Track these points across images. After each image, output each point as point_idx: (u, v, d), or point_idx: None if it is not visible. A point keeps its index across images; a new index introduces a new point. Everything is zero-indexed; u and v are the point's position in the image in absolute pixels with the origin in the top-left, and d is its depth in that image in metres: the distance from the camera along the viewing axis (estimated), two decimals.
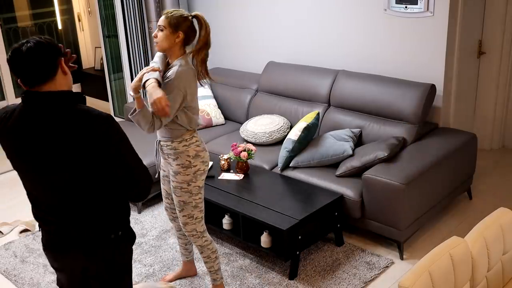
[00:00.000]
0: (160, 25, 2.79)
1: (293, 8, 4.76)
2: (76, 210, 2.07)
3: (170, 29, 2.76)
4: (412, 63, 4.16)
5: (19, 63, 1.95)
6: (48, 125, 1.96)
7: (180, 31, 2.77)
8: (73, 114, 1.96)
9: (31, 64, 1.94)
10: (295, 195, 3.59)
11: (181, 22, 2.77)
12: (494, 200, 4.17)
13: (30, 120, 1.99)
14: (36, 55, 1.95)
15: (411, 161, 3.58)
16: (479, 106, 4.89)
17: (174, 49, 2.80)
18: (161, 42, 2.78)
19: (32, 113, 1.99)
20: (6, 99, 6.77)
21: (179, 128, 2.84)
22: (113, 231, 2.13)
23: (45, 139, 1.96)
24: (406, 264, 3.49)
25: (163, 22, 2.78)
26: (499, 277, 2.45)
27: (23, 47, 1.94)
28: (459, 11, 4.05)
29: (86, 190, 2.03)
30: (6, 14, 6.69)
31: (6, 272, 3.62)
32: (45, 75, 1.97)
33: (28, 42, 1.96)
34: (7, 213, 4.43)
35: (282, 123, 4.35)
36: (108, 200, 2.09)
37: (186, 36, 2.80)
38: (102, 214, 2.10)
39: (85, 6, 7.21)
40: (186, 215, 2.98)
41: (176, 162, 2.89)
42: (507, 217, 2.46)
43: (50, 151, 1.97)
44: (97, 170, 1.99)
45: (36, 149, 1.98)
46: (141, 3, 5.32)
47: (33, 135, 1.98)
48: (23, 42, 1.97)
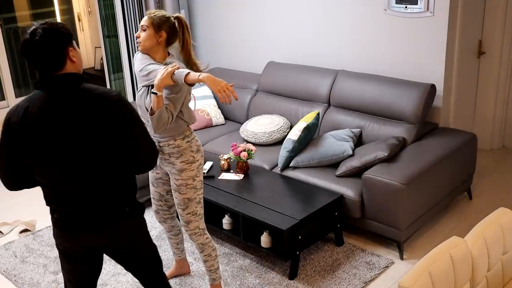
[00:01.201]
0: (143, 25, 2.83)
1: (293, 8, 4.76)
2: (96, 188, 2.16)
3: (153, 29, 2.81)
4: (412, 63, 4.16)
5: (31, 54, 2.06)
6: (70, 107, 2.07)
7: (163, 30, 2.83)
8: (92, 95, 2.09)
9: (41, 56, 2.05)
10: (295, 195, 3.59)
11: (163, 22, 2.84)
12: (494, 200, 4.17)
13: (54, 104, 2.08)
14: (44, 46, 2.05)
15: (411, 161, 3.58)
16: (479, 106, 4.89)
17: (157, 48, 2.84)
18: (144, 41, 2.82)
19: (53, 97, 2.08)
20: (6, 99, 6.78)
21: (181, 125, 2.87)
22: (127, 205, 2.26)
23: (70, 122, 2.06)
24: (406, 264, 3.49)
25: (146, 22, 2.83)
26: (499, 277, 2.45)
27: (34, 37, 2.03)
28: (459, 11, 4.05)
29: (105, 168, 2.14)
30: (6, 14, 6.69)
31: (6, 272, 3.62)
32: (55, 66, 2.09)
33: (37, 31, 2.04)
34: (7, 213, 4.43)
35: (282, 123, 4.35)
36: (121, 176, 2.21)
37: (168, 36, 2.84)
38: (117, 190, 2.22)
39: (85, 6, 7.21)
40: (190, 213, 2.98)
41: (181, 160, 2.89)
42: (507, 217, 2.46)
43: (74, 132, 2.07)
44: (115, 147, 2.12)
45: (62, 132, 2.07)
46: (141, 3, 5.32)
47: (58, 118, 2.07)
48: (33, 31, 2.05)
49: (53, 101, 2.08)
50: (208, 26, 5.49)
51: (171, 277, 3.43)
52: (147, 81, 2.79)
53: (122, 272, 3.54)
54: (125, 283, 3.42)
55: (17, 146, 2.12)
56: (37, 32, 2.04)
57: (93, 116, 2.06)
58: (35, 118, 2.08)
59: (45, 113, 2.08)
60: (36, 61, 2.07)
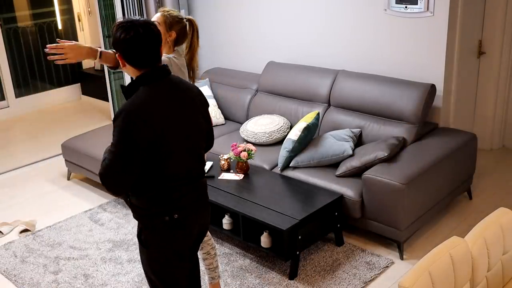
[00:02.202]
0: (155, 21, 2.82)
1: (293, 8, 4.76)
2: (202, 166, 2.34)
3: (165, 27, 2.83)
4: (412, 63, 4.16)
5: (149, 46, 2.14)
6: (184, 93, 2.23)
7: (173, 31, 2.83)
8: (186, 82, 2.30)
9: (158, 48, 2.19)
10: (295, 195, 3.59)
11: (176, 22, 2.85)
12: (494, 200, 4.17)
13: (174, 92, 2.19)
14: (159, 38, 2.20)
15: (411, 161, 3.58)
16: (479, 106, 4.89)
17: (164, 47, 2.84)
18: None
19: (169, 86, 2.19)
20: (6, 99, 6.78)
21: None
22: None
23: (188, 106, 2.22)
24: (406, 264, 3.49)
25: (158, 19, 2.83)
26: (499, 277, 2.45)
27: (153, 29, 2.14)
28: (459, 11, 4.05)
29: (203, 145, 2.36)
30: (6, 14, 6.69)
31: (6, 272, 3.62)
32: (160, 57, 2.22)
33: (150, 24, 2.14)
34: (7, 213, 4.43)
35: (282, 123, 4.35)
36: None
37: (177, 37, 2.85)
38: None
39: (85, 6, 7.21)
40: None
41: None
42: (507, 217, 2.46)
43: (194, 115, 2.24)
44: (206, 126, 2.35)
45: (186, 116, 2.21)
46: (141, 3, 5.32)
47: (181, 104, 2.20)
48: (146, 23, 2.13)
49: (171, 90, 2.18)
50: (208, 26, 5.48)
51: None
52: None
53: (122, 272, 3.54)
54: (125, 283, 3.42)
55: (151, 144, 2.09)
56: (152, 25, 2.14)
57: (197, 100, 2.27)
58: (164, 108, 2.13)
59: (172, 102, 2.16)
60: (152, 52, 2.14)
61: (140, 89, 2.14)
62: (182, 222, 2.24)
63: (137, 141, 2.07)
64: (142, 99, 2.11)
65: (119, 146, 2.09)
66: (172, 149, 2.15)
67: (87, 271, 3.57)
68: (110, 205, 4.42)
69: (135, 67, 2.16)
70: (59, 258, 3.74)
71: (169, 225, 2.22)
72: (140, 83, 2.15)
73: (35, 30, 6.97)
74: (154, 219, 2.23)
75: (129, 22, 2.12)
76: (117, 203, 4.44)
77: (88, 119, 6.50)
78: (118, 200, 4.48)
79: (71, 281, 3.48)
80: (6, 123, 6.63)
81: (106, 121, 6.31)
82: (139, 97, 2.12)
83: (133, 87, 2.16)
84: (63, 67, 7.29)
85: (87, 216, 4.27)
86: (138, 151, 2.08)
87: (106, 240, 3.93)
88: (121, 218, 4.21)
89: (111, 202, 4.47)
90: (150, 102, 2.11)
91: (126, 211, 4.30)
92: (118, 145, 2.10)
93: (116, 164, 2.09)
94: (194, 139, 2.25)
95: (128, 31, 2.09)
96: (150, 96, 2.13)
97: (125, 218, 4.20)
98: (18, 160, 5.44)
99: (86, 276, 3.52)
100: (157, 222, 2.22)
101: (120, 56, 2.17)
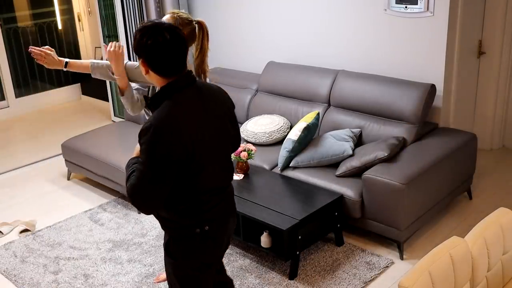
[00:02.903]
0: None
1: (293, 8, 4.76)
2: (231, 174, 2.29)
3: None
4: (412, 63, 4.16)
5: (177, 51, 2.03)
6: (213, 100, 2.16)
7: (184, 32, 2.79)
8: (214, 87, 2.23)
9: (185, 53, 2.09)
10: (295, 195, 3.59)
11: (185, 25, 2.78)
12: (494, 200, 4.17)
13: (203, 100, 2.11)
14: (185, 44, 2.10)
15: (411, 161, 3.58)
16: (479, 106, 4.89)
17: None
18: None
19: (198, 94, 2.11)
20: (6, 99, 6.78)
21: None
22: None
23: (218, 112, 2.16)
24: (406, 264, 3.49)
25: (168, 21, 2.78)
26: (499, 277, 2.45)
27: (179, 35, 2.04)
28: (459, 11, 4.05)
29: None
30: (6, 14, 6.69)
31: (6, 272, 3.62)
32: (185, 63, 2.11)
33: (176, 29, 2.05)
34: (7, 213, 4.43)
35: (282, 123, 4.35)
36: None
37: (187, 39, 2.81)
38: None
39: (85, 6, 7.21)
40: None
41: None
42: (507, 217, 2.46)
43: (223, 121, 2.19)
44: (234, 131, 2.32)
45: (218, 123, 2.15)
46: (141, 3, 5.32)
47: (211, 111, 2.13)
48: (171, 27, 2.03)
49: (199, 98, 2.09)
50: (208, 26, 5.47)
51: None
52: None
53: (122, 272, 3.54)
54: (125, 283, 3.42)
55: (182, 159, 1.99)
56: (177, 29, 2.03)
57: (223, 104, 2.21)
58: (193, 120, 2.03)
59: (200, 112, 2.07)
60: (179, 59, 2.03)
61: (167, 101, 2.01)
62: (212, 233, 2.18)
63: (168, 157, 1.94)
64: (170, 112, 1.98)
65: (149, 163, 1.96)
66: (203, 162, 2.05)
67: (87, 271, 3.57)
68: (110, 205, 4.42)
69: (160, 75, 2.04)
70: (59, 258, 3.74)
71: (200, 237, 2.15)
72: (166, 94, 2.03)
73: (35, 30, 6.97)
74: (184, 232, 2.16)
75: (153, 26, 2.00)
76: (117, 203, 4.45)
77: (88, 119, 6.50)
78: (118, 200, 4.48)
79: (71, 281, 3.48)
80: (6, 123, 6.63)
81: (106, 121, 6.31)
82: (167, 110, 1.98)
83: (159, 98, 2.04)
84: None
85: (87, 216, 4.27)
86: (169, 168, 1.96)
87: (106, 240, 3.93)
88: (121, 218, 4.21)
89: (111, 202, 4.47)
90: (178, 115, 1.99)
91: (126, 211, 4.30)
92: (147, 162, 1.96)
93: (146, 183, 1.97)
94: (222, 148, 2.18)
95: (154, 36, 1.97)
96: (178, 108, 2.00)
97: (125, 218, 4.20)
98: (18, 160, 5.44)
99: (86, 276, 3.52)
100: (187, 234, 2.15)
101: (143, 63, 2.04)
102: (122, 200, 4.48)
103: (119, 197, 4.54)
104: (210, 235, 2.18)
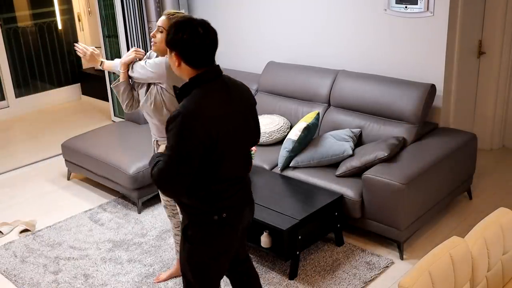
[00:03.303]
0: (160, 26, 2.78)
1: (293, 8, 4.76)
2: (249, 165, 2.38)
3: None
4: (412, 63, 4.16)
5: (215, 45, 2.19)
6: (238, 91, 2.27)
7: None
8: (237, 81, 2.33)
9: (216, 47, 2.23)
10: (295, 195, 3.59)
11: None
12: (494, 200, 4.17)
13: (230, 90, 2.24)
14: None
15: (411, 161, 3.58)
16: (479, 106, 4.89)
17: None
18: (159, 43, 2.78)
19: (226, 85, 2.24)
20: (6, 99, 6.78)
21: None
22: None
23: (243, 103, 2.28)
24: (406, 264, 3.49)
25: (163, 23, 2.77)
26: (499, 277, 2.45)
27: (213, 29, 2.18)
28: (459, 11, 4.05)
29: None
30: (6, 14, 6.69)
31: (6, 272, 3.62)
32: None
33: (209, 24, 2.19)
34: (7, 213, 4.43)
35: (282, 123, 4.35)
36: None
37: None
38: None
39: (85, 6, 7.21)
40: None
41: None
42: (507, 217, 2.46)
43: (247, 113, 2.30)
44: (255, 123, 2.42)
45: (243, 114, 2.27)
46: (141, 3, 5.32)
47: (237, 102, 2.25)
48: (205, 23, 2.16)
49: (225, 91, 2.21)
50: None
51: (171, 278, 3.43)
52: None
53: (122, 272, 3.54)
54: (125, 283, 3.42)
55: (207, 146, 2.12)
56: (208, 24, 2.16)
57: (246, 99, 2.31)
58: (219, 110, 2.15)
59: (225, 103, 2.19)
60: (211, 52, 2.17)
61: (195, 91, 2.15)
62: (229, 220, 2.29)
63: (194, 143, 2.08)
64: (198, 101, 2.12)
65: (176, 148, 2.09)
66: (225, 150, 2.17)
67: (87, 271, 3.57)
68: (110, 205, 4.42)
69: (192, 67, 2.17)
70: (59, 258, 3.74)
71: (218, 224, 2.27)
72: (195, 84, 2.17)
73: (35, 30, 6.97)
74: (203, 217, 2.27)
75: (188, 22, 2.14)
76: (117, 203, 4.45)
77: (88, 119, 6.50)
78: (118, 200, 4.48)
79: (71, 281, 3.48)
80: (6, 123, 6.63)
81: (106, 121, 6.31)
82: (195, 99, 2.12)
83: (187, 88, 2.18)
84: (63, 67, 7.30)
85: (87, 216, 4.27)
86: (195, 153, 2.09)
87: (106, 240, 3.93)
88: (121, 218, 4.21)
89: (111, 202, 4.47)
90: (205, 104, 2.12)
91: (126, 211, 4.30)
92: (175, 148, 2.10)
93: (174, 167, 2.10)
94: (244, 140, 2.30)
95: (189, 31, 2.11)
96: (206, 98, 2.14)
97: (125, 218, 4.20)
98: (18, 160, 5.44)
99: (86, 276, 3.52)
100: (206, 220, 2.27)
101: (177, 56, 2.17)
102: (122, 200, 4.48)
103: (119, 197, 4.54)
104: (227, 222, 2.29)
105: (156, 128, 2.95)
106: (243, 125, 2.27)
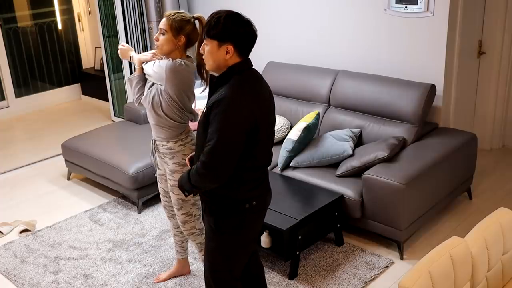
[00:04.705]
0: (162, 28, 2.77)
1: (293, 8, 4.76)
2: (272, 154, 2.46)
3: (172, 33, 2.75)
4: (412, 63, 4.16)
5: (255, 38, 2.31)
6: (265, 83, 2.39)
7: (182, 34, 2.76)
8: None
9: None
10: (295, 195, 3.59)
11: (183, 25, 2.77)
12: (494, 200, 4.17)
13: (262, 82, 2.36)
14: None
15: (411, 161, 3.58)
16: (479, 106, 4.89)
17: (175, 52, 2.80)
18: (162, 45, 2.77)
19: (259, 76, 2.37)
20: (6, 99, 6.78)
21: (175, 129, 2.86)
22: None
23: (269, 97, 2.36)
24: (406, 264, 3.49)
25: (164, 26, 2.76)
26: (499, 277, 2.45)
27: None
28: (459, 11, 4.05)
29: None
30: (6, 14, 6.69)
31: (6, 272, 3.62)
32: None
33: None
34: (7, 213, 4.43)
35: (282, 123, 4.35)
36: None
37: (188, 39, 2.80)
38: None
39: (85, 6, 7.21)
40: (185, 213, 2.98)
41: (173, 161, 2.90)
42: (507, 217, 2.46)
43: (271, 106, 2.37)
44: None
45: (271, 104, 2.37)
46: (141, 3, 5.32)
47: (268, 93, 2.36)
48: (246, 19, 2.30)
49: (257, 80, 2.32)
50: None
51: (171, 278, 3.43)
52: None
53: (122, 272, 3.54)
54: (125, 283, 3.42)
55: (248, 130, 2.21)
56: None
57: (270, 92, 2.40)
58: (256, 97, 2.25)
59: (258, 92, 2.29)
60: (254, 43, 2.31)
61: (235, 77, 2.25)
62: (257, 208, 2.38)
63: (239, 126, 2.18)
64: (242, 86, 2.23)
65: (223, 130, 2.16)
66: (260, 137, 2.26)
67: (87, 271, 3.57)
68: (110, 205, 4.42)
69: (242, 55, 2.28)
70: (59, 258, 3.74)
71: (248, 212, 2.36)
72: (238, 70, 2.26)
73: (35, 30, 6.97)
74: (235, 207, 2.35)
75: (240, 16, 2.28)
76: (117, 203, 4.45)
77: (88, 119, 6.50)
78: (118, 200, 4.48)
79: (71, 281, 3.48)
80: (6, 123, 6.63)
81: (106, 121, 6.31)
82: (237, 85, 2.22)
83: (227, 75, 2.26)
84: (63, 67, 7.30)
85: (87, 216, 4.27)
86: (240, 136, 2.18)
87: (106, 240, 3.93)
88: (121, 218, 4.21)
89: (111, 202, 4.47)
90: (246, 90, 2.23)
91: (126, 211, 4.30)
92: (221, 130, 2.17)
93: (221, 149, 2.17)
94: (270, 129, 2.38)
95: (244, 25, 2.26)
96: (247, 83, 2.26)
97: (125, 218, 4.20)
98: (18, 160, 5.44)
99: (86, 276, 3.52)
100: (237, 209, 2.35)
101: (232, 46, 2.25)
102: (122, 200, 4.48)
103: (119, 197, 4.54)
104: (255, 210, 2.39)
105: (153, 128, 2.96)
106: (271, 115, 2.37)
